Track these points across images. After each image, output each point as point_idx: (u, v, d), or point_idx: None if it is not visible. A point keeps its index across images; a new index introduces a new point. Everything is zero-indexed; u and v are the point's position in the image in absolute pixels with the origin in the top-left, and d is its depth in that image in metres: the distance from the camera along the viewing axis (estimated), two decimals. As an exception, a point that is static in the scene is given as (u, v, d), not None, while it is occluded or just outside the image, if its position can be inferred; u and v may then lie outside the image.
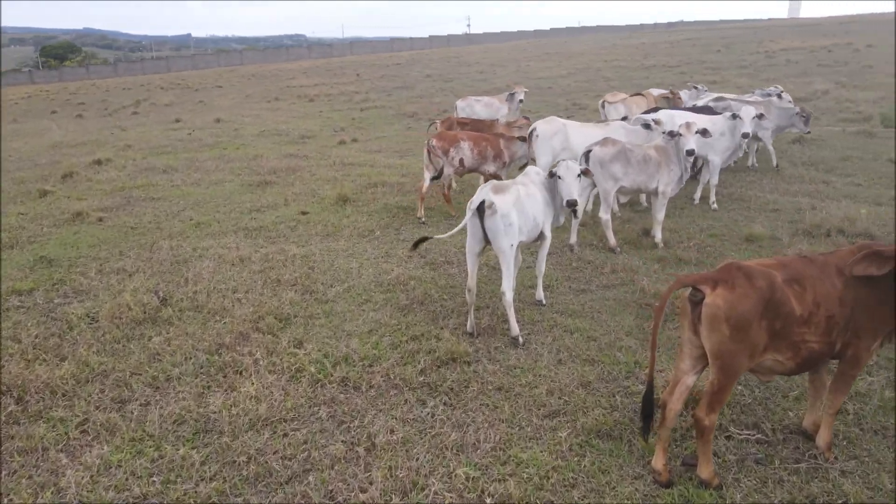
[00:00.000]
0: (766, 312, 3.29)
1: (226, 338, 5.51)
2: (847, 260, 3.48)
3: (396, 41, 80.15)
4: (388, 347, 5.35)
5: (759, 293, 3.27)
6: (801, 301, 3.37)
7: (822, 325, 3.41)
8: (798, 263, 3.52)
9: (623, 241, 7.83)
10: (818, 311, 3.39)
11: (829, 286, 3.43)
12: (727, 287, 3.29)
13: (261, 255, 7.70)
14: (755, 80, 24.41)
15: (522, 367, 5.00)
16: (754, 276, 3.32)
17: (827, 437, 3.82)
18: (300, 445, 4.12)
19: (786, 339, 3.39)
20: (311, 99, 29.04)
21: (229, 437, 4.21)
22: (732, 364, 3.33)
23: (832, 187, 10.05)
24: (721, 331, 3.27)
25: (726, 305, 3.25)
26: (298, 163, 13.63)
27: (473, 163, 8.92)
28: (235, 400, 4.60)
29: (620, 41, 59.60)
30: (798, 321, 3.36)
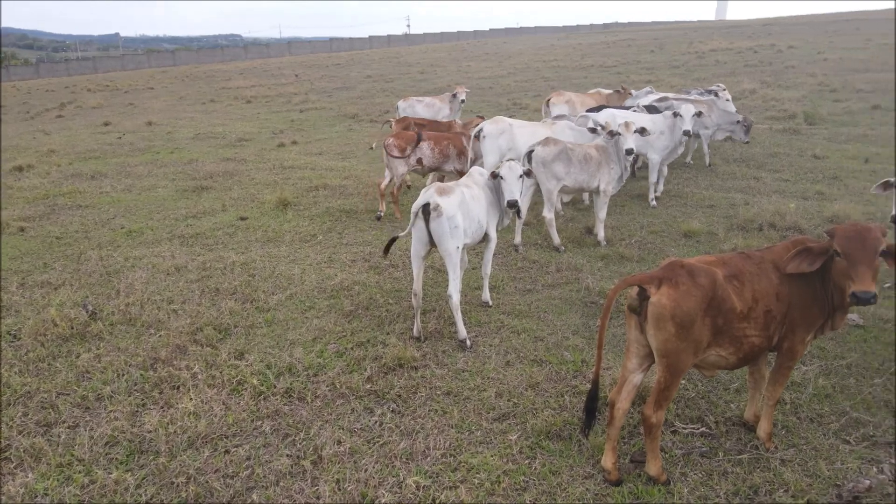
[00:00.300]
0: (710, 309, 3.34)
1: (161, 352, 5.26)
2: (782, 256, 3.58)
3: (336, 41, 79.17)
4: (333, 355, 5.22)
5: (703, 290, 3.32)
6: (740, 297, 3.44)
7: (760, 319, 3.49)
8: (737, 260, 3.59)
9: (567, 239, 7.90)
10: (757, 307, 3.48)
11: (766, 282, 3.52)
12: (671, 285, 3.32)
13: (198, 263, 7.41)
14: (687, 79, 25.21)
15: (471, 370, 4.96)
16: (697, 274, 3.36)
17: (767, 427, 3.92)
18: (243, 462, 3.96)
19: (728, 335, 3.45)
20: (249, 101, 28.32)
21: (166, 457, 4.00)
22: (678, 361, 3.36)
23: (762, 183, 10.43)
24: (666, 329, 3.30)
25: (671, 304, 3.28)
26: (236, 167, 13.25)
27: (434, 162, 8.88)
28: (172, 417, 4.39)
29: (558, 41, 60.59)
30: (739, 316, 3.43)
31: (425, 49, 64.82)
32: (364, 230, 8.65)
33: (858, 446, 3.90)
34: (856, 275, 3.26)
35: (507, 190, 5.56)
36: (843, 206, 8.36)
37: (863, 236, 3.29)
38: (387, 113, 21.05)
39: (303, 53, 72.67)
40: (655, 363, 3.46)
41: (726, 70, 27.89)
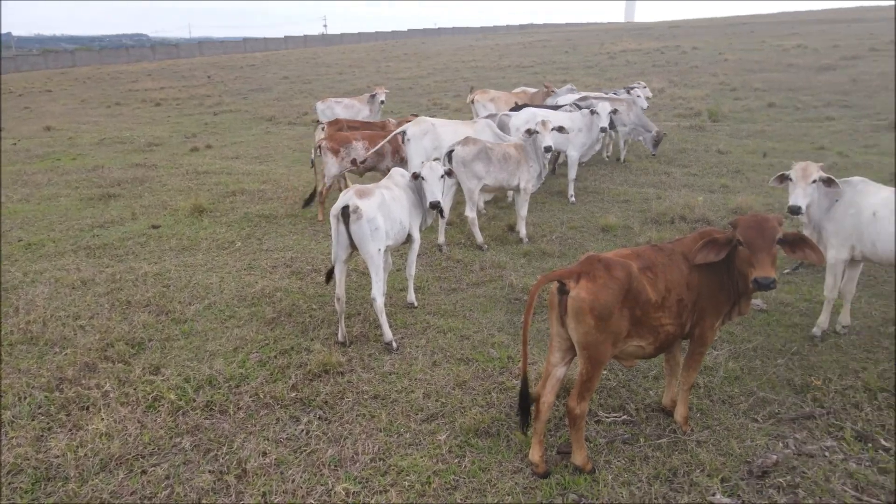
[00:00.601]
0: (627, 300, 3.46)
1: (68, 371, 4.94)
2: (691, 247, 3.76)
3: (249, 41, 76.94)
4: (255, 365, 5.07)
5: (619, 283, 3.43)
6: (654, 287, 3.58)
7: (673, 308, 3.65)
8: (650, 252, 3.74)
9: (490, 238, 8.00)
10: (670, 296, 3.63)
11: (677, 272, 3.68)
12: (589, 279, 3.41)
13: (106, 275, 7.02)
14: (601, 79, 26.08)
15: (398, 372, 4.93)
16: (613, 267, 3.47)
17: (683, 411, 4.10)
18: (161, 482, 3.77)
19: (645, 325, 3.58)
20: (158, 103, 27.14)
21: (77, 482, 3.77)
22: (598, 353, 3.46)
23: (672, 178, 10.92)
24: (586, 322, 3.39)
25: (590, 297, 3.37)
26: (146, 173, 12.66)
27: (371, 161, 8.85)
28: (82, 440, 4.13)
29: (476, 42, 61.33)
30: (654, 306, 3.57)
31: (343, 49, 64.12)
32: (285, 235, 8.46)
33: (766, 424, 4.13)
34: (757, 262, 3.47)
35: (428, 191, 5.56)
36: (746, 198, 8.87)
37: (762, 226, 3.50)
38: (305, 115, 20.68)
39: (215, 54, 70.22)
40: (577, 356, 3.54)
41: (636, 70, 29.04)
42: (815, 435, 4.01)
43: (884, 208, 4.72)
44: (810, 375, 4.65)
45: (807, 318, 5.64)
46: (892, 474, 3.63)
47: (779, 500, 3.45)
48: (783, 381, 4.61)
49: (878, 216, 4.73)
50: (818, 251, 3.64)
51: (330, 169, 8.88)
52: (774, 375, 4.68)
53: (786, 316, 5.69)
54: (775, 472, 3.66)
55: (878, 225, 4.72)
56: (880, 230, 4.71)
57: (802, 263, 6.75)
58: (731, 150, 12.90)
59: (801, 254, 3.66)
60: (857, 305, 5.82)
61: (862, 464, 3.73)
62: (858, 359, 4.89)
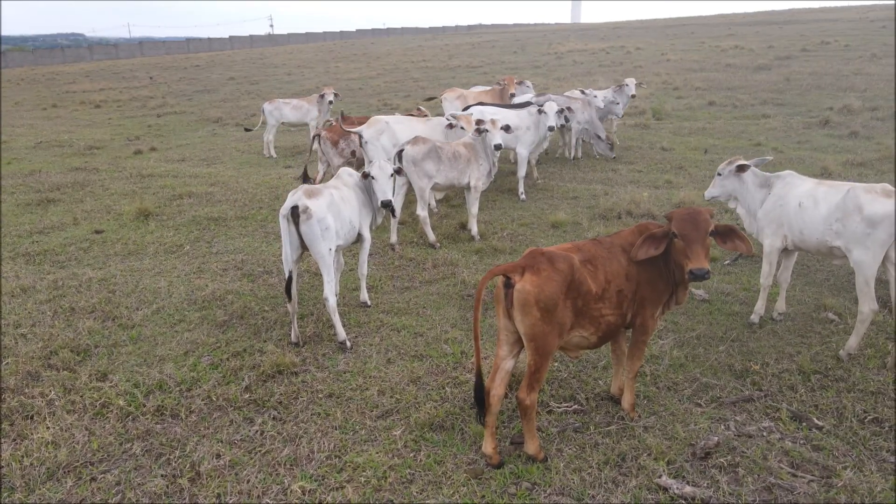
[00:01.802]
0: (570, 292, 3.57)
1: (10, 380, 4.79)
2: (629, 240, 3.92)
3: (193, 41, 75.14)
4: (207, 368, 5.01)
5: (562, 275, 3.53)
6: (595, 279, 3.70)
7: (613, 299, 3.78)
8: (590, 246, 3.86)
9: (442, 236, 8.07)
10: (609, 287, 3.76)
11: (616, 264, 3.81)
12: (534, 272, 3.50)
13: (48, 282, 6.81)
14: (549, 79, 26.49)
15: (352, 370, 4.95)
16: (556, 260, 3.57)
17: (630, 398, 4.25)
18: (112, 488, 3.71)
19: (587, 315, 3.70)
20: (98, 105, 26.29)
21: (23, 492, 3.67)
22: (545, 344, 3.55)
23: (619, 174, 11.21)
24: (532, 313, 3.47)
25: (535, 289, 3.45)
26: (87, 176, 12.28)
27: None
28: (28, 449, 4.02)
29: (425, 42, 61.42)
30: (595, 298, 3.69)
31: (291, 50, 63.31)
32: (235, 237, 8.34)
33: (708, 408, 4.32)
34: (692, 253, 3.64)
35: (379, 190, 5.59)
36: (688, 193, 9.18)
37: (695, 219, 3.67)
38: (253, 116, 20.36)
39: (156, 54, 68.32)
40: (525, 348, 3.63)
41: (583, 70, 29.61)
42: (753, 417, 4.21)
43: (808, 199, 4.99)
44: (749, 360, 4.87)
45: (746, 306, 5.90)
46: (826, 451, 3.85)
47: (721, 479, 3.62)
48: (724, 367, 4.82)
49: (803, 206, 5.00)
50: (746, 241, 3.83)
51: (332, 160, 9.35)
52: (716, 362, 4.88)
53: (726, 305, 5.94)
54: (717, 453, 3.83)
55: (804, 214, 4.99)
56: (806, 219, 4.98)
57: (741, 255, 7.04)
58: (674, 147, 13.31)
59: (731, 244, 3.84)
60: (791, 293, 6.12)
61: (797, 442, 3.94)
62: (793, 343, 5.15)
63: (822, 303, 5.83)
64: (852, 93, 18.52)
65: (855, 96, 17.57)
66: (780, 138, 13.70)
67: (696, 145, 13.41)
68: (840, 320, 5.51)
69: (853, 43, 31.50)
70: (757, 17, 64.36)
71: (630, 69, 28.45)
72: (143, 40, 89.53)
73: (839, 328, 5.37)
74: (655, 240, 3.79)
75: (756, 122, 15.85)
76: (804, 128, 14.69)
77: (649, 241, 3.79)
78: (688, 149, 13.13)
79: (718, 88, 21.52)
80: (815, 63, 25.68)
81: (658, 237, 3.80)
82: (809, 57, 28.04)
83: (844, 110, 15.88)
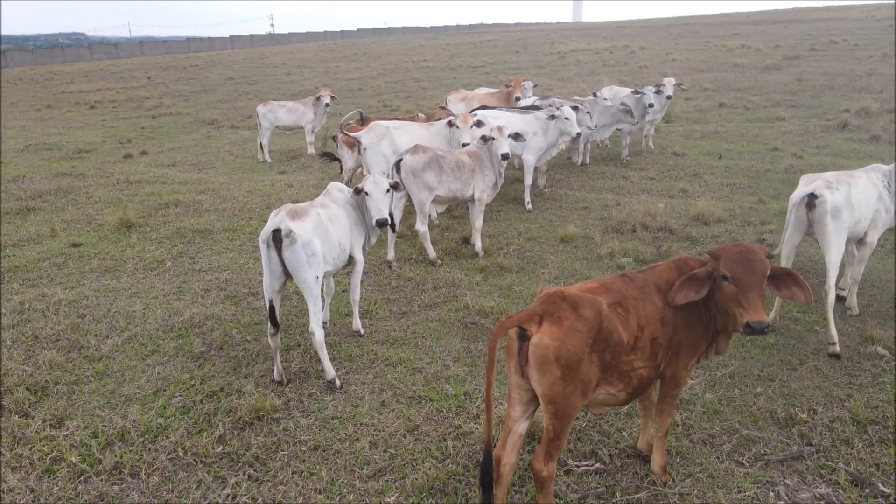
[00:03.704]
0: (596, 344, 2.97)
1: (-50, 429, 4.21)
2: (665, 277, 3.31)
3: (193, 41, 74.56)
4: (177, 412, 4.42)
5: (588, 325, 2.94)
6: (626, 326, 3.10)
7: (647, 349, 3.17)
8: (619, 284, 3.24)
9: (443, 252, 7.47)
10: (643, 335, 3.15)
11: (650, 307, 3.21)
12: (553, 322, 2.92)
13: (13, 304, 6.22)
14: (552, 79, 25.89)
15: (341, 416, 4.36)
16: (581, 306, 2.97)
17: (660, 460, 3.65)
18: (51, 574, 3.12)
19: (616, 370, 3.10)
20: (93, 106, 25.70)
21: (-56, 580, 3.08)
22: (566, 406, 2.95)
23: (630, 182, 10.60)
24: (551, 372, 2.89)
25: (555, 344, 2.87)
26: (72, 183, 11.68)
27: None
28: (-42, 521, 3.44)
29: (426, 42, 60.79)
30: (626, 349, 3.09)
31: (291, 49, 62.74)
32: (221, 252, 7.75)
33: (752, 468, 3.72)
34: (747, 303, 3.01)
35: (373, 207, 5.01)
36: (706, 204, 8.57)
37: (750, 260, 3.04)
38: (249, 118, 19.79)
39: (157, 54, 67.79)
40: (542, 410, 3.03)
41: (587, 70, 29.01)
42: (806, 480, 3.62)
43: None
44: (794, 406, 4.27)
45: (782, 337, 5.30)
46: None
47: (775, 565, 3.03)
48: (766, 414, 4.22)
49: None
50: (806, 289, 3.17)
51: (346, 163, 9.01)
52: (756, 408, 4.28)
53: (760, 336, 5.32)
54: (768, 529, 3.24)
55: None
56: None
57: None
58: (686, 151, 12.70)
59: (787, 292, 3.18)
60: (832, 322, 5.52)
61: (858, 510, 3.35)
62: (841, 385, 4.55)
63: (867, 334, 5.22)
64: (868, 94, 17.90)
65: (871, 98, 16.95)
66: (797, 143, 13.08)
67: (709, 150, 12.79)
68: (891, 355, 4.90)
69: (862, 42, 30.87)
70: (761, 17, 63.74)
71: (635, 69, 27.83)
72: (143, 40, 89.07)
73: (890, 366, 4.77)
74: (698, 282, 3.17)
75: (770, 124, 15.22)
76: (822, 131, 14.07)
77: (690, 284, 3.17)
78: (701, 154, 12.51)
79: (728, 89, 20.90)
80: (826, 63, 25.05)
81: (701, 279, 3.17)
82: (819, 56, 27.42)
83: (862, 112, 15.25)
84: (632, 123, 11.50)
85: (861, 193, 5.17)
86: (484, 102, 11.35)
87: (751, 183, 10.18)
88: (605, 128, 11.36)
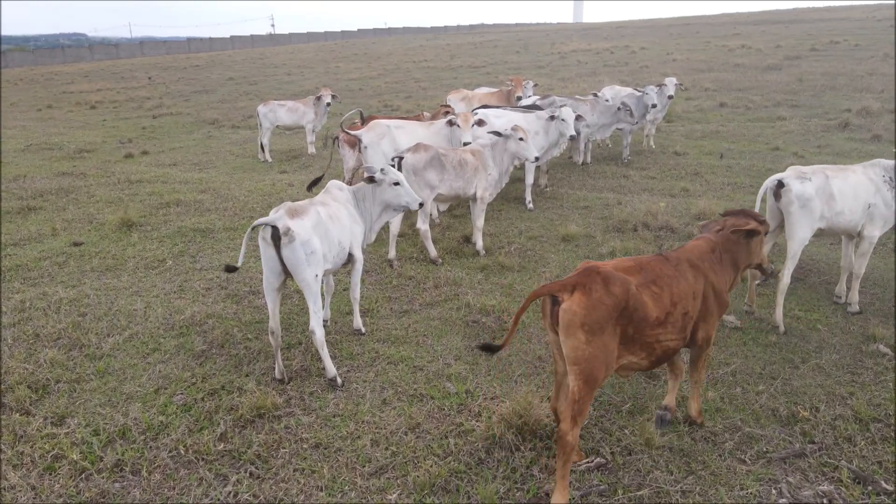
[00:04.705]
0: (621, 319, 3.30)
1: (-49, 427, 4.20)
2: (697, 254, 3.72)
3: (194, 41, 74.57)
4: (178, 410, 4.41)
5: (614, 300, 3.25)
6: (658, 303, 3.42)
7: (678, 322, 3.52)
8: (655, 264, 3.57)
9: (444, 250, 7.47)
10: (675, 311, 3.50)
11: (684, 283, 3.55)
12: (584, 292, 3.24)
13: (14, 303, 6.22)
14: (553, 79, 25.88)
15: (343, 414, 4.35)
16: (611, 282, 3.29)
17: (696, 406, 4.02)
18: (52, 571, 3.12)
19: (638, 342, 3.43)
20: (94, 106, 25.70)
21: (-55, 577, 3.08)
22: (590, 369, 3.23)
23: (631, 181, 10.59)
24: (577, 336, 3.21)
25: (582, 312, 3.19)
26: (73, 182, 11.68)
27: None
28: (-41, 518, 3.43)
29: (427, 42, 60.79)
30: (653, 324, 3.41)
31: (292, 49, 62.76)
32: (222, 252, 7.74)
33: (755, 465, 3.71)
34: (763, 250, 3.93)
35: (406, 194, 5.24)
36: (708, 203, 8.56)
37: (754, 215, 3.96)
38: (250, 118, 19.79)
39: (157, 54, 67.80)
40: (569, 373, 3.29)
41: (588, 70, 29.00)
42: (808, 477, 3.61)
43: None
44: (796, 404, 4.27)
45: (783, 335, 5.29)
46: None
47: (778, 562, 3.02)
48: (768, 412, 4.21)
49: None
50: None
51: (347, 162, 8.92)
52: (758, 406, 4.27)
53: (762, 335, 5.33)
54: (770, 526, 3.23)
55: None
56: None
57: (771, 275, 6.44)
58: (687, 151, 12.70)
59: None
60: (833, 320, 5.52)
61: (861, 509, 3.34)
62: (843, 382, 4.54)
63: (869, 332, 5.22)
64: (869, 94, 17.89)
65: (872, 98, 16.94)
66: (798, 142, 13.07)
67: (710, 149, 12.78)
68: (893, 354, 4.89)
69: (863, 42, 30.84)
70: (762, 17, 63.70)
71: (636, 69, 27.82)
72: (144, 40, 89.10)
73: (892, 364, 4.76)
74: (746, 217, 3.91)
75: (771, 124, 15.21)
76: (823, 131, 14.06)
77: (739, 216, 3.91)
78: (702, 153, 12.51)
79: (729, 89, 20.89)
80: (827, 63, 25.03)
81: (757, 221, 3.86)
82: (819, 56, 27.39)
83: (863, 112, 15.23)
84: (632, 123, 11.46)
85: (848, 186, 5.21)
86: (484, 102, 11.34)
87: (752, 182, 10.16)
88: (606, 127, 11.31)
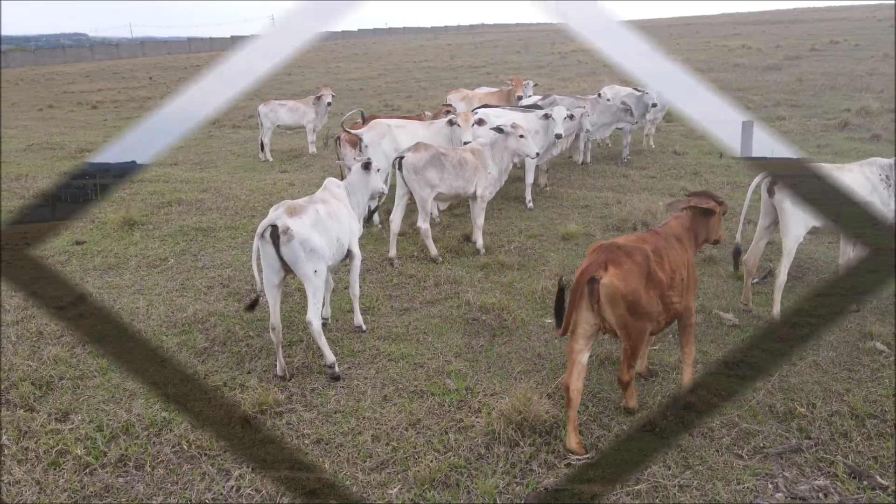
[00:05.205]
0: (649, 283, 3.73)
1: (-44, 423, 4.25)
2: (678, 231, 4.17)
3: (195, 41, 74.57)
4: (181, 406, 4.45)
5: (641, 267, 3.71)
6: (663, 269, 3.85)
7: (679, 286, 3.96)
8: (651, 238, 4.01)
9: (444, 249, 7.51)
10: (675, 276, 3.94)
11: (675, 253, 4.01)
12: (616, 265, 3.64)
13: (16, 301, 6.26)
14: (553, 79, 25.93)
15: (344, 410, 4.39)
16: (633, 253, 3.73)
17: (688, 378, 4.33)
18: (57, 564, 3.16)
19: (664, 302, 3.87)
20: (95, 106, 25.75)
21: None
22: (637, 329, 3.72)
23: (631, 180, 10.63)
24: (620, 305, 3.64)
25: (621, 283, 3.62)
26: (74, 181, 11.71)
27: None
28: (-36, 512, 3.48)
29: (427, 42, 60.84)
30: (666, 286, 3.85)
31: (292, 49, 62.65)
32: (223, 250, 7.78)
33: (752, 461, 3.75)
34: None
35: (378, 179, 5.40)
36: (707, 202, 8.58)
37: None
38: (251, 118, 19.84)
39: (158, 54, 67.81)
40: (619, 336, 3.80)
41: (588, 70, 29.06)
42: (805, 472, 3.65)
43: None
44: (793, 400, 4.30)
45: (780, 332, 5.33)
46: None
47: (774, 555, 3.07)
48: (765, 408, 4.25)
49: None
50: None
51: (348, 161, 8.84)
52: (755, 402, 4.31)
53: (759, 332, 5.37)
54: (767, 520, 3.27)
55: None
56: None
57: (770, 272, 6.49)
58: (687, 150, 12.74)
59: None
60: (830, 317, 5.55)
61: (857, 504, 3.39)
62: (840, 379, 4.58)
63: (866, 330, 5.25)
64: (868, 94, 17.91)
65: (872, 97, 16.95)
66: (798, 142, 13.10)
67: (710, 149, 12.80)
68: (890, 351, 4.93)
69: (863, 42, 30.86)
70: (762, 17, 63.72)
71: (636, 69, 27.81)
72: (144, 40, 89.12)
73: (889, 361, 4.80)
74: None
75: (771, 124, 15.24)
76: (822, 130, 14.10)
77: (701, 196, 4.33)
78: (702, 153, 12.54)
79: (729, 89, 20.91)
80: (827, 63, 25.06)
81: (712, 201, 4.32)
82: (820, 56, 27.43)
83: (863, 112, 15.25)
84: (632, 123, 11.49)
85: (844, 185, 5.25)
86: (485, 102, 11.38)
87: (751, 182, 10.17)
88: (606, 127, 11.35)
